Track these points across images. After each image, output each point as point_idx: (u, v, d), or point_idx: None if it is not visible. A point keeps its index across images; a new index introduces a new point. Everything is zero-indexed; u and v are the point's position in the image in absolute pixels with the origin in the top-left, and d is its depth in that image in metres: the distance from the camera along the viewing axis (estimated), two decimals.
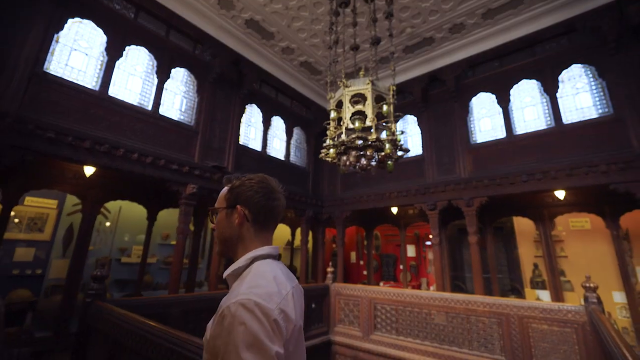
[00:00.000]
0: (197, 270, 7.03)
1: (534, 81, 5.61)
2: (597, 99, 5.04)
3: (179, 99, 5.46)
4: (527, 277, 7.26)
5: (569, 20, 5.10)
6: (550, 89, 5.35)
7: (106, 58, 4.51)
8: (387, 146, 3.16)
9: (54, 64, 4.06)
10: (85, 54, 4.41)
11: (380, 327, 4.97)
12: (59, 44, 4.14)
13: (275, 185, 1.09)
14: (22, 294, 5.29)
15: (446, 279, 6.62)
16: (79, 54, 4.34)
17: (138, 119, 4.68)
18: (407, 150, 3.40)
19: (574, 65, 5.26)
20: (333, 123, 3.44)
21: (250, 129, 6.75)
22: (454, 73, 6.27)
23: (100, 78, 4.42)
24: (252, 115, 6.83)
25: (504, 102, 5.81)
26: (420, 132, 6.84)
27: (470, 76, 6.34)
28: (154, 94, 5.00)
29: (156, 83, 5.04)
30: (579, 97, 5.23)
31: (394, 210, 8.09)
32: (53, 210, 6.21)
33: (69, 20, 4.17)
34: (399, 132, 3.42)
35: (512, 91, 5.78)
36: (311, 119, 8.12)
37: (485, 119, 6.16)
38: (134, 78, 4.90)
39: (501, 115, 5.82)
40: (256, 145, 6.71)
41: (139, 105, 4.82)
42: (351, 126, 3.23)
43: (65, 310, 4.95)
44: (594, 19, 4.85)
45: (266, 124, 6.95)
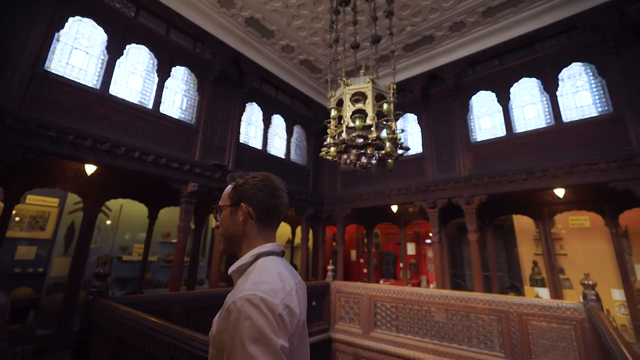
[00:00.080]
0: (198, 268, 7.06)
1: (534, 79, 5.61)
2: (597, 97, 5.05)
3: (179, 98, 5.47)
4: (526, 274, 7.30)
5: (569, 18, 5.10)
6: (550, 87, 5.36)
7: (107, 57, 4.51)
8: (388, 144, 3.18)
9: (54, 62, 4.06)
10: (86, 52, 4.41)
11: (381, 324, 5.00)
12: (59, 43, 4.14)
13: (278, 183, 1.10)
14: (24, 291, 5.32)
15: (446, 276, 6.66)
16: (79, 52, 4.35)
17: (139, 117, 4.69)
18: (407, 149, 3.41)
19: (574, 64, 5.27)
20: (334, 121, 3.45)
21: (251, 127, 6.76)
22: (454, 71, 6.27)
23: (101, 77, 4.43)
24: (253, 113, 6.84)
25: (504, 100, 5.82)
26: (420, 130, 6.85)
27: (470, 74, 6.35)
28: (154, 92, 5.01)
29: (157, 82, 5.05)
30: (578, 96, 5.24)
31: (394, 208, 8.12)
32: (54, 208, 6.23)
33: (69, 19, 4.18)
34: (399, 130, 3.43)
35: (512, 89, 5.79)
36: (311, 117, 8.13)
37: (485, 117, 6.17)
38: (134, 77, 4.91)
39: (501, 113, 5.83)
40: (256, 144, 6.72)
41: (139, 103, 4.83)
42: (352, 125, 3.25)
43: (67, 308, 4.97)
44: (594, 17, 4.85)
45: (266, 122, 6.96)
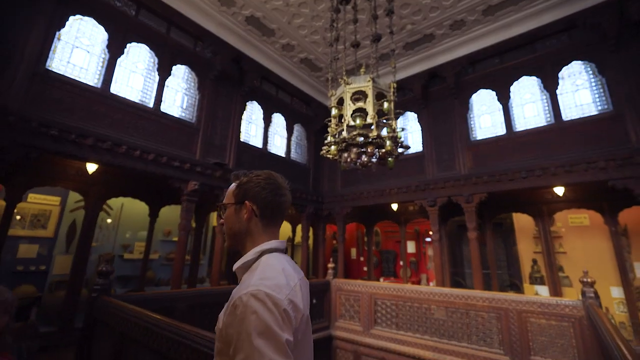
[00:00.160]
0: (199, 267, 7.09)
1: (534, 78, 5.62)
2: (597, 95, 5.07)
3: (180, 96, 5.48)
4: (526, 272, 7.32)
5: (569, 16, 5.10)
6: (550, 85, 5.37)
7: (107, 55, 4.52)
8: (388, 143, 3.20)
9: (56, 61, 4.07)
10: (87, 51, 4.42)
11: (381, 321, 5.03)
12: (60, 42, 4.15)
13: (281, 181, 1.12)
14: (27, 289, 5.35)
15: (446, 274, 6.69)
16: (80, 51, 4.36)
17: (140, 116, 4.71)
18: (407, 147, 3.43)
19: (574, 62, 5.28)
20: (334, 120, 3.47)
21: (251, 126, 6.78)
22: (454, 70, 6.28)
23: (102, 75, 4.44)
24: (253, 112, 6.85)
25: (504, 98, 5.83)
26: (420, 128, 6.86)
27: (470, 73, 6.36)
28: (155, 91, 5.02)
29: (157, 80, 5.06)
30: (578, 94, 5.25)
31: (394, 206, 8.14)
32: (56, 206, 6.26)
33: (70, 17, 4.18)
34: (399, 129, 3.45)
35: (512, 88, 5.80)
36: (311, 116, 8.14)
37: (485, 116, 6.19)
38: (135, 75, 4.92)
39: (501, 112, 5.85)
40: (257, 142, 6.74)
41: (140, 102, 4.84)
42: (352, 123, 3.26)
43: (69, 305, 5.00)
44: (595, 15, 4.86)
45: (267, 121, 6.97)
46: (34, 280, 5.66)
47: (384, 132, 3.37)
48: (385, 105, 3.39)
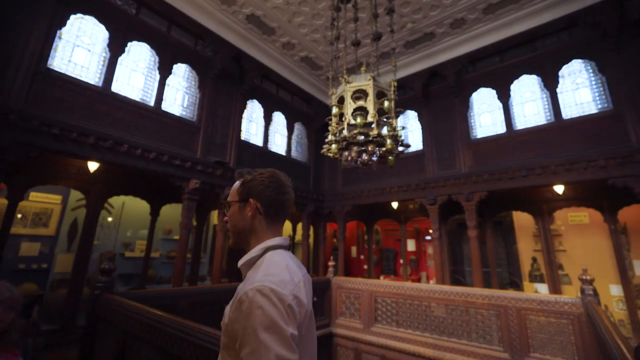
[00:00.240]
0: (200, 265, 7.12)
1: (535, 76, 5.62)
2: (597, 94, 5.07)
3: (180, 95, 5.48)
4: (525, 270, 7.35)
5: (569, 15, 5.10)
6: (550, 84, 5.37)
7: (108, 54, 4.53)
8: (388, 142, 3.21)
9: (57, 60, 4.08)
10: (88, 50, 4.43)
11: (381, 319, 5.06)
12: (61, 41, 4.15)
13: (285, 179, 1.14)
14: (29, 287, 5.38)
15: (446, 272, 6.71)
16: (81, 50, 4.36)
17: (141, 114, 4.72)
18: (407, 146, 3.44)
19: (574, 61, 5.28)
20: (335, 119, 3.48)
21: (252, 124, 6.79)
22: (454, 68, 6.28)
23: (103, 74, 4.45)
24: (254, 110, 6.86)
25: (504, 97, 5.83)
26: (420, 127, 6.87)
27: (470, 71, 6.36)
28: (156, 89, 5.03)
29: (158, 79, 5.07)
30: (578, 93, 5.26)
31: (395, 205, 8.16)
32: (57, 205, 6.28)
33: (71, 16, 4.18)
34: (399, 127, 3.46)
35: (512, 86, 5.80)
36: (312, 114, 8.14)
37: (485, 114, 6.20)
38: (136, 74, 4.92)
39: (501, 110, 5.85)
40: (257, 141, 6.75)
41: (141, 101, 4.85)
42: (353, 122, 3.27)
43: (71, 303, 5.03)
44: (595, 14, 4.86)
45: (267, 119, 6.98)
46: (36, 279, 5.69)
47: (385, 131, 3.38)
48: (386, 103, 3.40)
